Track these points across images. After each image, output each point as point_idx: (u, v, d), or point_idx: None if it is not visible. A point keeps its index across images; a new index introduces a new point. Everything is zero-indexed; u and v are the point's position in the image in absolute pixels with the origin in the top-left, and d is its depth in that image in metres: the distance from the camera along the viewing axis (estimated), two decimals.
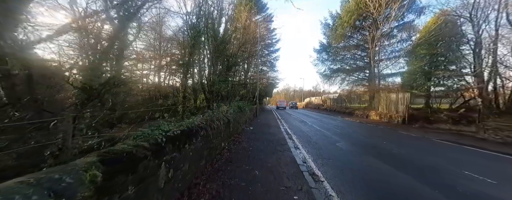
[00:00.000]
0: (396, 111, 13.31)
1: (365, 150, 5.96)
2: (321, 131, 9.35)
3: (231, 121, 6.01)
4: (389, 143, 6.86)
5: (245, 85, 21.53)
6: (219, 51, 10.04)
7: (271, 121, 13.68)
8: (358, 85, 22.35)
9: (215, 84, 9.46)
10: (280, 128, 10.18)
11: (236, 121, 7.30)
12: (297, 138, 7.58)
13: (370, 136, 8.51)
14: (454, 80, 18.07)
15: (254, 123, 12.10)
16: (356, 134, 8.70)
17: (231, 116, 6.27)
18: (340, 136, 7.98)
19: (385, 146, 6.46)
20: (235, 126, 7.12)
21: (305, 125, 11.45)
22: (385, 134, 9.07)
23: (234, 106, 8.01)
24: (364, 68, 20.87)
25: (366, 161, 4.80)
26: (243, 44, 11.77)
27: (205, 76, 10.21)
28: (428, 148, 6.41)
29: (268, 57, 32.32)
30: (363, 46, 19.64)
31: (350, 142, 6.93)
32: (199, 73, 10.23)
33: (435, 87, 18.42)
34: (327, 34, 21.65)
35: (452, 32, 16.83)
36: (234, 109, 7.80)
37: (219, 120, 4.83)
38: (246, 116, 10.52)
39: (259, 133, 8.32)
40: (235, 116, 7.12)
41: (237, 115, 7.70)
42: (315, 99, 42.54)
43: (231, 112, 6.72)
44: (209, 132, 3.79)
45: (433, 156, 5.40)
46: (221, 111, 5.91)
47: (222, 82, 9.75)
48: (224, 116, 5.47)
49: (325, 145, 6.40)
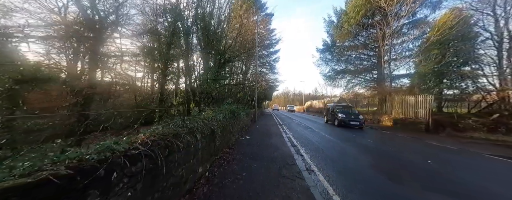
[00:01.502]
0: (414, 116, 11.59)
1: (412, 175, 4.17)
2: (334, 141, 7.59)
3: (217, 132, 4.25)
4: (437, 163, 5.08)
5: (243, 87, 19.94)
6: (211, 44, 8.38)
7: (272, 127, 11.90)
8: (365, 88, 20.72)
9: (204, 84, 7.75)
10: (283, 137, 8.41)
11: (226, 130, 5.54)
12: (307, 152, 5.80)
13: (401, 149, 6.74)
14: (468, 82, 16.57)
15: (252, 130, 10.32)
16: (381, 146, 6.93)
17: (218, 124, 4.51)
18: (363, 150, 6.21)
19: (436, 168, 4.67)
20: (225, 138, 5.34)
21: (312, 133, 9.69)
22: (416, 146, 7.30)
23: (225, 111, 6.25)
24: (371, 69, 19.26)
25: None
26: (240, 34, 10.11)
27: (195, 74, 8.51)
28: (494, 170, 4.66)
29: (268, 58, 30.76)
30: (371, 45, 18.07)
31: (380, 159, 5.17)
32: (186, 71, 8.53)
33: (448, 89, 16.87)
34: (331, 32, 20.12)
35: (468, 29, 15.42)
36: (225, 115, 6.04)
37: (193, 132, 3.07)
38: (242, 122, 8.74)
39: (257, 145, 6.53)
40: (225, 124, 5.36)
41: (229, 122, 5.94)
42: (317, 102, 40.90)
43: (220, 119, 4.96)
44: (161, 161, 2.02)
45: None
46: (203, 118, 4.15)
47: (213, 81, 8.03)
48: (205, 125, 3.70)
49: (349, 165, 4.62)
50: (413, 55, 15.70)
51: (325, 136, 8.68)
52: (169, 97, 7.28)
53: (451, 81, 16.79)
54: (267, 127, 11.68)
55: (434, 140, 8.31)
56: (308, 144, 7.03)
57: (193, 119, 3.55)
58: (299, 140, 7.70)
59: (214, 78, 7.58)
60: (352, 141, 7.72)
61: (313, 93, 77.62)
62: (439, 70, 15.68)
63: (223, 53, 8.35)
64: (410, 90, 13.58)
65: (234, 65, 17.47)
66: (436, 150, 6.60)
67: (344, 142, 7.44)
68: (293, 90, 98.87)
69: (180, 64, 7.67)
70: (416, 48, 16.36)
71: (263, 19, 25.87)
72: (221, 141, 4.71)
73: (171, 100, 7.35)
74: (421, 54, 14.31)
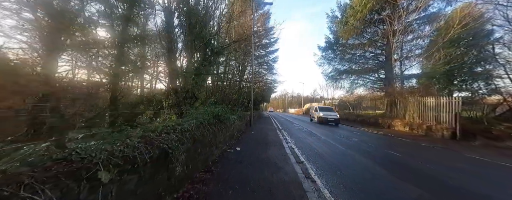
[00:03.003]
0: (435, 120, 9.98)
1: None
2: (350, 154, 5.86)
3: (176, 154, 2.51)
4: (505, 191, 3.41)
5: (239, 88, 18.28)
6: (194, 31, 6.68)
7: (270, 133, 10.17)
8: (370, 89, 19.15)
9: (187, 80, 6.05)
10: (284, 147, 6.69)
11: (204, 145, 3.81)
12: (320, 174, 4.08)
13: (445, 169, 5.04)
14: (481, 84, 15.15)
15: (245, 137, 8.58)
16: (411, 162, 5.22)
17: (182, 138, 2.79)
18: (391, 168, 4.51)
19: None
20: (198, 157, 3.61)
21: (318, 141, 7.98)
22: (458, 162, 5.61)
23: (205, 114, 4.52)
24: (378, 68, 17.72)
25: None
26: (232, 20, 8.44)
27: (179, 68, 6.80)
28: None
29: (266, 58, 29.15)
30: (379, 42, 16.54)
31: (426, 186, 3.47)
32: (169, 64, 6.81)
33: (459, 91, 15.41)
34: (334, 28, 18.59)
35: (483, 26, 14.06)
36: (206, 119, 4.32)
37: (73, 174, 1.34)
38: (233, 128, 7.01)
39: (249, 162, 4.80)
40: (200, 135, 3.63)
41: (210, 132, 4.21)
42: (317, 105, 39.34)
43: (187, 129, 3.23)
44: None
45: None
46: (153, 129, 2.42)
47: (197, 76, 6.31)
48: (146, 146, 1.97)
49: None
50: (425, 52, 14.18)
51: (336, 146, 6.97)
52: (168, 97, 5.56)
53: (463, 82, 15.37)
54: (264, 133, 9.95)
55: (471, 151, 6.66)
56: (318, 158, 5.31)
57: (114, 137, 1.82)
58: (304, 153, 5.98)
59: (196, 72, 5.85)
60: (372, 152, 6.03)
61: (312, 95, 76.44)
62: (449, 70, 14.21)
63: (209, 41, 6.64)
64: (427, 91, 12.01)
65: (229, 64, 15.84)
66: (489, 168, 4.93)
67: (363, 155, 5.74)
68: (291, 93, 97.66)
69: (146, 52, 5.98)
70: (426, 45, 14.91)
71: (262, 15, 24.35)
72: (187, 165, 2.96)
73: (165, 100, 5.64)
74: (435, 51, 12.80)
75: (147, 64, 6.78)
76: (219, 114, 4.99)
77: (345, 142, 7.79)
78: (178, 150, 2.51)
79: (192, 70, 5.86)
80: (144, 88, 9.68)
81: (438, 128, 9.34)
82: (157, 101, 5.88)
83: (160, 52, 7.89)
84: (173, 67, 6.59)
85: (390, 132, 11.19)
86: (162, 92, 6.69)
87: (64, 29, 3.02)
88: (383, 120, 14.22)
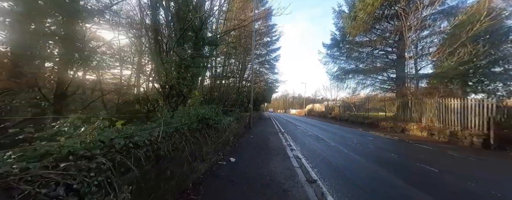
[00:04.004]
0: (461, 125, 8.74)
1: None
2: (372, 168, 4.63)
3: (102, 191, 1.31)
4: None
5: (238, 87, 17.16)
6: (182, 16, 5.51)
7: (272, 137, 8.96)
8: (379, 89, 17.90)
9: (169, 73, 4.86)
10: (289, 157, 5.48)
11: (178, 162, 2.61)
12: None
13: (502, 188, 3.81)
14: (499, 85, 13.94)
15: (243, 143, 7.38)
16: (461, 183, 3.98)
17: (138, 158, 1.58)
18: (442, 196, 3.29)
19: None
20: (168, 185, 2.41)
21: (329, 148, 6.75)
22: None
23: (186, 118, 3.32)
24: (388, 67, 16.47)
25: None
26: (230, 8, 7.25)
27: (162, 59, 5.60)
28: None
29: (267, 56, 27.96)
30: (391, 39, 15.27)
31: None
32: (153, 55, 5.66)
33: (475, 93, 14.15)
34: (341, 25, 17.35)
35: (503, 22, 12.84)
36: (186, 124, 3.13)
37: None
38: (227, 133, 5.82)
39: (245, 183, 3.60)
40: (175, 148, 2.44)
41: (192, 142, 3.01)
42: (319, 106, 38.13)
43: (146, 141, 2.02)
44: None
45: None
46: (42, 153, 1.22)
47: (183, 68, 5.12)
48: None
49: None
50: (443, 49, 12.89)
51: (351, 156, 5.75)
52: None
53: (479, 83, 14.13)
54: (265, 137, 8.75)
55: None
56: (334, 175, 4.09)
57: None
58: (315, 165, 4.76)
59: (181, 63, 4.66)
60: (399, 166, 4.80)
61: (313, 96, 75.29)
62: (466, 69, 12.95)
63: (199, 29, 5.44)
64: (450, 91, 10.79)
65: (229, 62, 14.78)
66: None
67: (390, 170, 4.51)
68: (292, 93, 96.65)
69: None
70: (442, 42, 13.65)
71: (264, 11, 23.18)
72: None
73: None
74: (458, 47, 11.53)
75: (125, 56, 5.63)
76: (206, 117, 3.79)
77: (360, 151, 6.57)
78: (102, 187, 1.32)
79: (174, 61, 4.66)
80: (140, 86, 8.52)
81: (466, 135, 8.09)
82: (152, 100, 4.71)
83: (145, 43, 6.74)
84: (157, 59, 5.40)
85: (406, 138, 9.94)
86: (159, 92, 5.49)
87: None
88: (395, 124, 12.97)
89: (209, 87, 9.75)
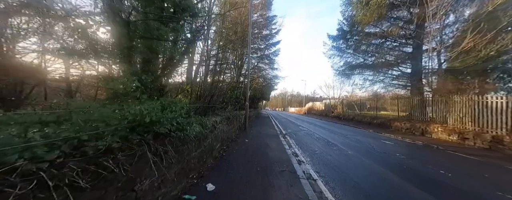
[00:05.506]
0: (507, 129, 7.05)
1: None
2: (419, 194, 2.91)
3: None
4: None
5: (236, 83, 15.42)
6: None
7: (271, 143, 7.17)
8: (389, 85, 16.20)
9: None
10: (299, 177, 3.71)
11: None
12: None
13: None
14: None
15: (234, 152, 5.60)
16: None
17: None
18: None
19: None
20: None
21: (348, 159, 5.00)
22: None
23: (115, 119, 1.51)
24: (402, 61, 14.73)
25: None
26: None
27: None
28: None
29: (266, 51, 26.05)
30: (406, 29, 13.48)
31: None
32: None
33: (495, 91, 12.47)
34: (350, 13, 15.50)
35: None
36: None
37: None
38: (205, 146, 4.02)
39: None
40: None
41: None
42: (320, 104, 36.52)
43: None
44: None
45: None
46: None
47: (140, 39, 3.28)
48: None
49: None
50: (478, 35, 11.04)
51: (388, 176, 3.99)
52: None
53: (500, 80, 12.40)
54: (263, 143, 6.96)
55: None
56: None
57: None
58: (343, 196, 3.00)
59: (130, 28, 2.83)
60: (460, 191, 3.09)
61: (312, 95, 73.81)
62: (482, 65, 10.87)
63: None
64: (482, 86, 9.10)
65: (225, 57, 13.05)
66: None
67: (430, 190, 2.78)
68: (291, 91, 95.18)
69: None
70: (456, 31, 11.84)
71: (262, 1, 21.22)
72: None
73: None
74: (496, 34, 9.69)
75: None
76: (153, 120, 1.98)
77: (391, 164, 4.83)
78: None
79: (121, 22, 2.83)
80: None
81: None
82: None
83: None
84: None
85: (432, 142, 8.27)
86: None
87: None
88: (412, 124, 11.29)
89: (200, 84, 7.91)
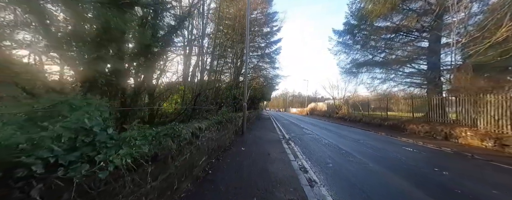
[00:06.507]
0: None
1: None
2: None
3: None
4: None
5: (236, 83, 14.33)
6: None
7: (273, 151, 5.90)
8: (400, 84, 14.90)
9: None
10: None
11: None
12: None
13: None
14: None
15: (219, 169, 4.35)
16: None
17: None
18: None
19: None
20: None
21: (371, 174, 3.73)
22: None
23: None
24: (416, 57, 13.45)
25: None
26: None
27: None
28: None
29: (267, 49, 24.83)
30: (422, 22, 12.15)
31: None
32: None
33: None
34: (358, 6, 14.22)
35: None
36: None
37: None
38: (178, 169, 2.77)
39: None
40: None
41: None
42: (323, 104, 35.27)
43: None
44: None
45: None
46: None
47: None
48: None
49: None
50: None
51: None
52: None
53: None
54: (262, 152, 5.69)
55: None
56: None
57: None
58: None
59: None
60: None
61: (313, 95, 72.60)
62: (502, 62, 9.35)
63: None
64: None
65: (224, 55, 12.04)
66: None
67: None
68: (292, 92, 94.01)
69: None
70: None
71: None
72: None
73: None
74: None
75: None
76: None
77: (436, 184, 3.57)
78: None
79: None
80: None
81: None
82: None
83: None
84: None
85: (462, 149, 6.98)
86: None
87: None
88: (431, 127, 10.00)
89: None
